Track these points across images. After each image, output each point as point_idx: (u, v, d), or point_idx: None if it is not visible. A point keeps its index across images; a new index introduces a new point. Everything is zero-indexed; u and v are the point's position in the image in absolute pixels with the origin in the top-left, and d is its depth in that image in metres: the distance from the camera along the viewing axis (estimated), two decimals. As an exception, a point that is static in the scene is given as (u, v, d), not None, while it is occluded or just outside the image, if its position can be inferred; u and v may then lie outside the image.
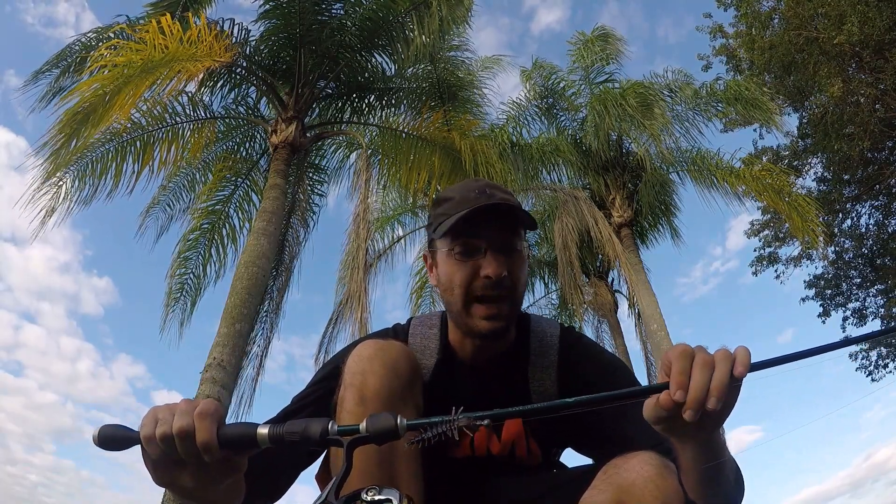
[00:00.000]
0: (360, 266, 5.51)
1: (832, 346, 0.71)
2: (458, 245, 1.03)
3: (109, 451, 0.72)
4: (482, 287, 1.02)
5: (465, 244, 1.03)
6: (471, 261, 1.03)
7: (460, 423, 0.65)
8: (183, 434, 0.68)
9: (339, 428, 0.69)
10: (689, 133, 9.46)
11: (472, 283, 1.02)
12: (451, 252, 1.05)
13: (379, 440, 0.68)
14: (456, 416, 0.66)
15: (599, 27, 10.13)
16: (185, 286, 7.73)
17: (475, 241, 1.03)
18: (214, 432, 0.69)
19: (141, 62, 5.10)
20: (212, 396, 4.83)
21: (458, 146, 6.45)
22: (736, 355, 0.68)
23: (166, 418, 0.70)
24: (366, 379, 0.92)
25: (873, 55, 9.32)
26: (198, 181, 7.74)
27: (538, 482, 1.06)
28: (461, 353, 1.13)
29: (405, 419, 0.67)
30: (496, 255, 1.01)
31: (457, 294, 1.04)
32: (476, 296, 1.03)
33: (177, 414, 0.70)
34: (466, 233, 1.03)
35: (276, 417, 1.04)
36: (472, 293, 1.03)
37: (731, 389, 0.67)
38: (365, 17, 6.55)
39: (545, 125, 10.20)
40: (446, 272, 1.06)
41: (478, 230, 1.02)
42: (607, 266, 10.56)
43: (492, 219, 1.02)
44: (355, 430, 0.68)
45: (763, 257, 12.82)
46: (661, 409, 0.69)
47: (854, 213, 12.07)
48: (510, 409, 0.70)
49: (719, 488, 0.80)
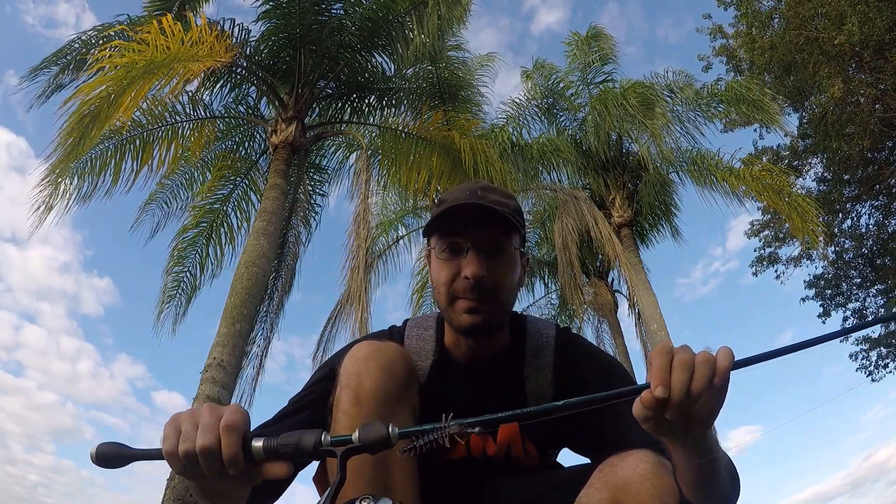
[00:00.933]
0: (360, 266, 5.51)
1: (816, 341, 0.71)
2: (444, 244, 1.05)
3: (107, 468, 0.70)
4: (462, 288, 1.02)
5: (450, 243, 1.04)
6: (454, 260, 1.03)
7: (451, 430, 0.65)
8: (207, 452, 0.66)
9: (331, 439, 0.68)
10: (689, 133, 9.47)
11: (453, 282, 1.03)
12: (435, 251, 1.07)
13: (372, 450, 0.68)
14: (447, 424, 0.66)
15: (592, 27, 10.15)
16: (182, 283, 7.74)
17: (459, 241, 1.03)
18: (240, 448, 0.67)
19: (143, 63, 5.10)
20: (212, 396, 4.84)
21: (457, 146, 6.46)
22: (717, 359, 0.67)
23: (189, 433, 0.67)
24: (361, 380, 0.92)
25: (873, 55, 9.31)
26: (196, 180, 7.75)
27: (535, 483, 1.06)
28: (457, 354, 1.13)
29: (397, 427, 0.67)
30: (478, 256, 1.02)
31: (441, 293, 1.06)
32: (458, 296, 1.04)
33: (201, 428, 0.67)
34: (451, 232, 1.04)
35: (273, 419, 1.05)
36: (454, 293, 1.04)
37: (717, 391, 0.67)
38: (365, 17, 6.55)
39: (545, 125, 10.23)
40: (434, 270, 1.08)
41: (462, 230, 1.03)
42: (607, 266, 10.56)
43: (475, 219, 1.03)
44: (348, 441, 0.68)
45: (763, 258, 12.82)
46: (645, 408, 0.68)
47: (854, 213, 12.08)
48: (500, 414, 0.70)
49: (714, 486, 0.80)
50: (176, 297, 7.74)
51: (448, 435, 0.65)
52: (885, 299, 12.20)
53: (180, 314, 7.76)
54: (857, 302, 12.60)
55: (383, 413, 0.90)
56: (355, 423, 0.89)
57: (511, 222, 1.04)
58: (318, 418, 0.99)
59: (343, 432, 0.89)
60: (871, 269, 12.17)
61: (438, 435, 0.65)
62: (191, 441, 0.67)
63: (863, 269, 12.32)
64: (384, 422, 0.69)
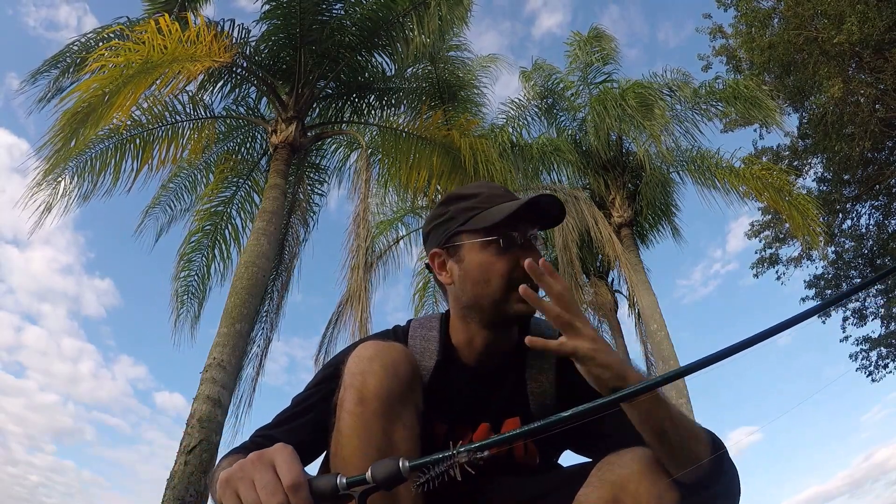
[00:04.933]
0: (360, 265, 5.51)
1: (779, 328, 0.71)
2: (502, 237, 1.04)
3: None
4: (524, 277, 1.00)
5: (507, 237, 1.04)
6: (509, 253, 1.04)
7: (461, 458, 0.64)
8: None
9: (346, 481, 0.67)
10: (689, 133, 9.48)
11: (512, 273, 1.03)
12: (488, 244, 1.05)
13: (387, 486, 0.67)
14: (456, 451, 0.65)
15: (594, 28, 10.15)
16: (190, 288, 7.74)
17: (513, 235, 1.05)
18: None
19: (140, 62, 5.10)
20: (212, 396, 4.84)
21: (457, 145, 6.46)
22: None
23: (250, 499, 0.65)
24: (365, 380, 0.92)
25: (873, 55, 9.32)
26: (199, 182, 7.75)
27: (536, 482, 1.06)
28: (463, 354, 1.13)
29: (407, 461, 0.66)
30: (533, 247, 1.06)
31: (495, 285, 1.04)
32: (516, 286, 1.02)
33: (263, 490, 0.65)
34: (510, 226, 1.04)
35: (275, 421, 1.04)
36: (513, 283, 1.03)
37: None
38: (365, 17, 6.55)
39: (545, 125, 10.23)
40: (481, 264, 1.06)
41: (519, 224, 1.05)
42: (607, 266, 10.55)
43: (534, 214, 1.06)
44: (363, 481, 0.67)
45: (764, 259, 12.83)
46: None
47: (854, 213, 12.08)
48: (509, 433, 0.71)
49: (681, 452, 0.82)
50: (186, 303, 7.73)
51: (459, 465, 0.64)
52: (884, 299, 12.21)
53: (194, 320, 7.76)
54: (856, 302, 12.62)
55: (387, 413, 0.90)
56: (360, 422, 0.89)
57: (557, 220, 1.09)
58: (322, 420, 0.99)
59: (347, 432, 0.89)
60: (871, 269, 12.18)
61: (449, 464, 0.64)
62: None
63: (863, 269, 12.32)
64: (394, 457, 0.68)
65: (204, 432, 4.66)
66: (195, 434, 4.64)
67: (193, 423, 4.71)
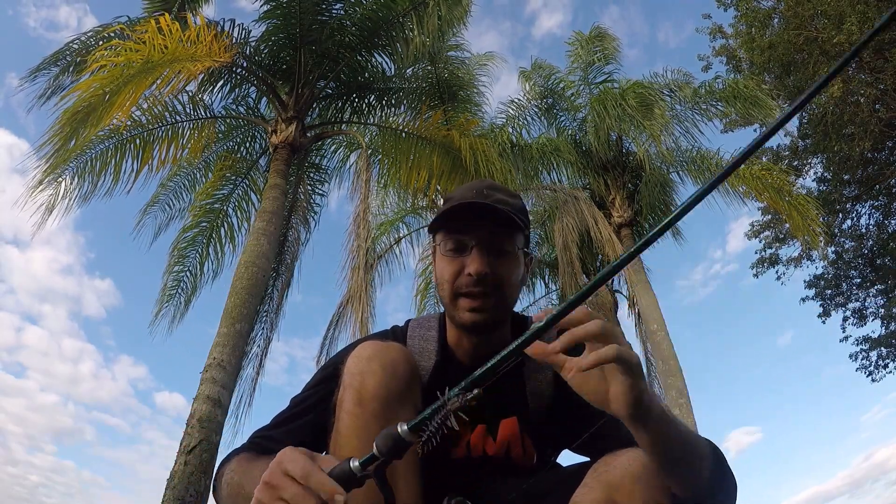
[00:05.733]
0: (360, 265, 5.51)
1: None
2: (449, 241, 1.06)
3: None
4: (465, 284, 1.03)
5: (455, 241, 1.05)
6: (459, 258, 1.04)
7: (453, 405, 0.64)
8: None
9: (359, 463, 0.66)
10: (689, 133, 9.47)
11: (457, 279, 1.04)
12: (440, 247, 1.07)
13: (397, 455, 0.66)
14: (447, 397, 0.65)
15: (596, 27, 10.14)
16: (181, 283, 7.73)
17: (463, 239, 1.04)
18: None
19: (140, 62, 5.10)
20: (212, 396, 4.84)
21: (457, 145, 6.46)
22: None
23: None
24: (364, 379, 0.92)
25: (873, 55, 9.32)
26: (198, 181, 7.75)
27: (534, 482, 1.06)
28: (459, 353, 1.13)
29: (403, 424, 0.66)
30: (481, 254, 1.03)
31: (445, 289, 1.06)
32: (461, 292, 1.04)
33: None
34: (455, 229, 1.05)
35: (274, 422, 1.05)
36: (458, 289, 1.04)
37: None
38: (365, 17, 6.55)
39: (545, 125, 10.22)
40: (438, 267, 1.09)
41: (466, 228, 1.04)
42: (607, 266, 10.53)
43: (480, 217, 1.03)
44: (373, 458, 0.67)
45: (764, 259, 12.82)
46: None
47: (854, 214, 12.07)
48: (494, 358, 0.68)
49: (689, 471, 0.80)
50: (175, 297, 7.73)
51: (453, 411, 0.64)
52: (884, 299, 12.20)
53: (178, 314, 7.74)
54: (856, 302, 12.62)
55: (386, 413, 0.90)
56: (358, 422, 0.89)
57: (515, 222, 1.04)
58: (321, 421, 0.99)
59: (346, 432, 0.89)
60: (871, 270, 12.18)
61: (444, 413, 0.64)
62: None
63: (863, 269, 12.32)
64: (390, 426, 0.67)
65: (204, 432, 4.66)
66: (195, 434, 4.64)
67: (193, 423, 4.71)
